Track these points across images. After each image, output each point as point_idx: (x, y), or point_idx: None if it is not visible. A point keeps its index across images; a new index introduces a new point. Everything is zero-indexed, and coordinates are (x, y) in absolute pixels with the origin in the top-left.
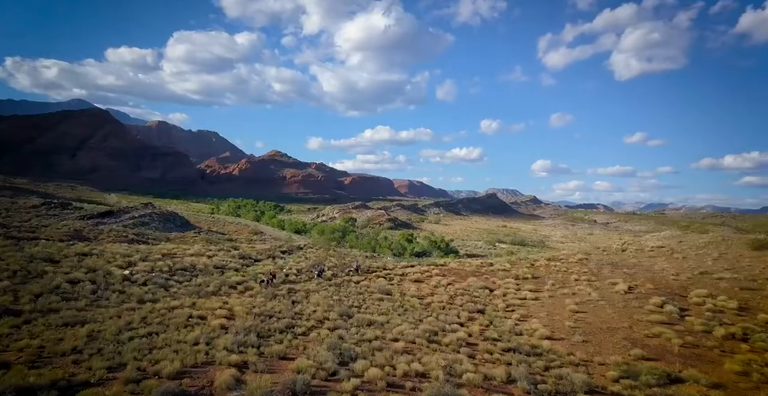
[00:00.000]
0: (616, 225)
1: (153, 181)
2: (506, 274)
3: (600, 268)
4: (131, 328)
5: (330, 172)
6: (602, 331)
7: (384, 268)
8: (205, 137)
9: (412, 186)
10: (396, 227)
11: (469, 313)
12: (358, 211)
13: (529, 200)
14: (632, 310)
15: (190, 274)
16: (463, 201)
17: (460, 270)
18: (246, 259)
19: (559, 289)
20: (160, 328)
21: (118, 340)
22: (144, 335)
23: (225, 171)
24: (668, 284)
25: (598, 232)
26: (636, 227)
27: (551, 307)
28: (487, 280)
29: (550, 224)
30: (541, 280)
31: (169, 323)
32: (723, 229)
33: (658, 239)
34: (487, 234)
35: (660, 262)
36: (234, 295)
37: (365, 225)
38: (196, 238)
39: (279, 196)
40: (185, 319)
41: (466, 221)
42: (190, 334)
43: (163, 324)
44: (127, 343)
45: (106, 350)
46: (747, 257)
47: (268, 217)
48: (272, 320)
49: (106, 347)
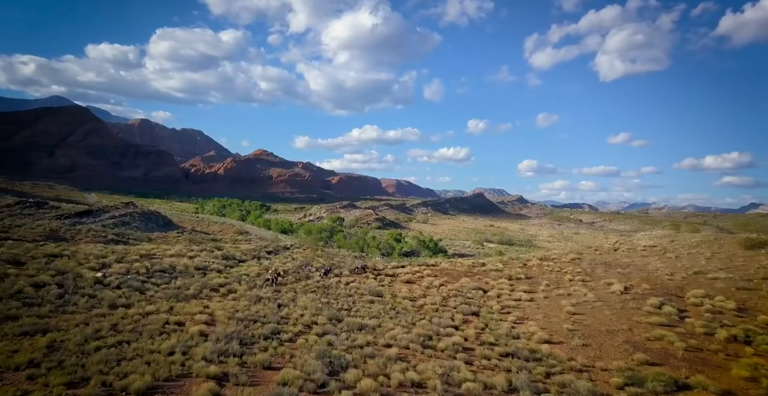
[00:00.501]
0: (602, 224)
1: (135, 181)
2: (499, 274)
3: (593, 268)
4: (99, 336)
5: (317, 171)
6: (602, 333)
7: (374, 268)
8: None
9: (399, 185)
10: (384, 227)
11: (463, 316)
12: (345, 211)
13: (515, 200)
14: (630, 311)
15: (169, 276)
16: (451, 200)
17: (452, 270)
18: (229, 259)
19: (554, 290)
20: (132, 336)
21: (83, 350)
22: (113, 345)
23: (210, 170)
24: (664, 284)
25: (584, 232)
26: (621, 227)
27: (547, 309)
28: (479, 280)
29: (536, 224)
30: (535, 281)
31: (142, 330)
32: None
33: (649, 238)
34: (474, 233)
35: (653, 261)
36: (216, 299)
37: (353, 224)
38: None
39: (265, 196)
40: (161, 326)
41: (454, 221)
42: (165, 343)
43: (135, 331)
44: (93, 354)
45: (67, 363)
46: (740, 257)
47: (254, 216)
48: (256, 325)
49: (68, 359)
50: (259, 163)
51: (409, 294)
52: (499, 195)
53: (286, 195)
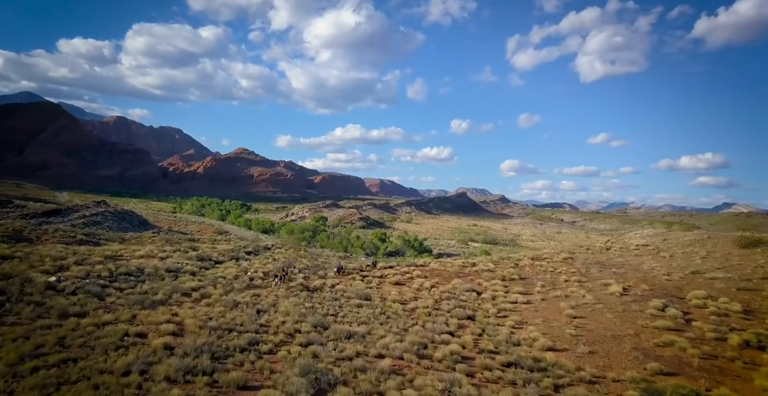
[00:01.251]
0: (582, 224)
1: (110, 179)
2: (491, 274)
3: (588, 268)
4: (40, 354)
5: (299, 170)
6: (607, 339)
7: (361, 269)
8: (168, 134)
9: (383, 185)
10: (368, 226)
11: (458, 320)
12: (329, 210)
13: (497, 199)
14: (633, 314)
15: (136, 279)
16: (434, 200)
17: (443, 271)
18: (205, 261)
19: (551, 292)
20: (81, 352)
21: (16, 372)
22: (55, 364)
23: (189, 169)
24: (662, 285)
25: (566, 231)
26: (601, 226)
27: (546, 312)
28: (472, 281)
29: (519, 223)
30: (530, 282)
31: (95, 345)
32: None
33: (642, 237)
34: (458, 233)
35: (647, 261)
36: (187, 305)
37: (336, 224)
38: (155, 238)
39: (246, 195)
40: (118, 339)
41: (438, 220)
42: (121, 360)
43: (86, 346)
44: (28, 377)
45: None
46: (735, 255)
47: (234, 216)
48: (232, 335)
49: None
50: (239, 162)
51: (399, 297)
52: (481, 195)
53: (268, 194)
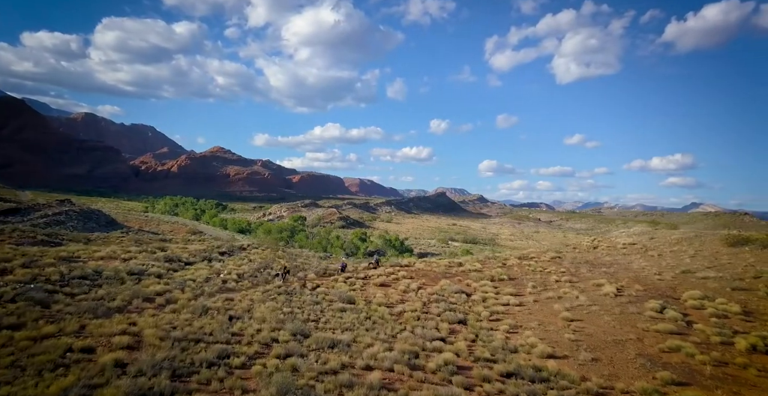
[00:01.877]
0: (559, 223)
1: (78, 178)
2: (480, 275)
3: (577, 268)
4: None
5: (277, 169)
6: (609, 344)
7: (348, 269)
8: (140, 132)
9: (362, 185)
10: (348, 226)
11: (449, 325)
12: (307, 210)
13: (476, 199)
14: (631, 316)
15: (92, 283)
16: (414, 200)
17: (429, 271)
18: (174, 262)
19: (543, 293)
20: (8, 374)
21: None
22: None
23: (162, 168)
24: (655, 285)
25: (543, 230)
26: (577, 225)
27: (540, 315)
28: (460, 282)
29: (497, 222)
30: (519, 282)
31: (28, 364)
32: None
33: (628, 236)
34: (438, 232)
35: (636, 260)
36: (149, 312)
37: (316, 224)
38: (123, 238)
39: (222, 195)
40: (58, 356)
41: (418, 220)
42: (57, 384)
43: (16, 366)
44: None
45: None
46: (724, 254)
47: (209, 215)
48: (198, 347)
49: None
50: (215, 161)
51: (385, 299)
52: (460, 194)
53: (245, 194)
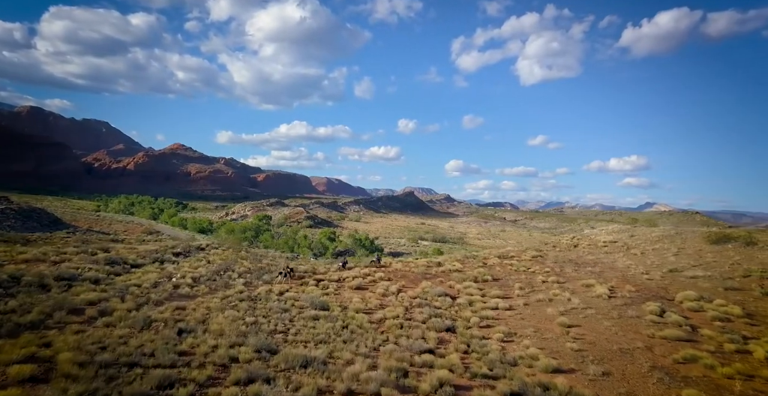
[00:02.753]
0: (524, 222)
1: (24, 176)
2: (462, 275)
3: (561, 267)
4: None
5: (241, 168)
6: (616, 355)
7: (314, 272)
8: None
9: (330, 184)
10: (316, 225)
11: (436, 333)
12: (273, 209)
13: (443, 198)
14: (632, 321)
15: (5, 292)
16: (383, 199)
17: (408, 272)
18: (117, 264)
19: (532, 295)
20: None
21: None
22: None
23: (118, 165)
24: (646, 285)
25: (510, 229)
26: (541, 224)
27: (534, 320)
28: (442, 284)
29: (464, 221)
30: (505, 283)
31: None
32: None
33: (607, 233)
34: (408, 231)
35: (620, 258)
36: (72, 327)
37: (282, 223)
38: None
39: (183, 193)
40: None
41: (386, 219)
42: None
43: None
44: None
45: None
46: (708, 252)
47: (168, 215)
48: (132, 374)
49: None
50: (175, 159)
51: (363, 305)
52: (427, 194)
53: (207, 193)
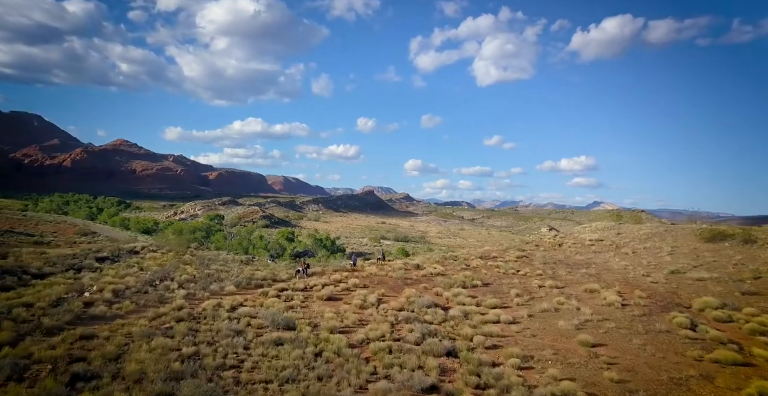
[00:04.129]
0: (481, 221)
1: None
2: (447, 280)
3: (553, 269)
4: None
5: (192, 165)
6: (671, 388)
7: (275, 278)
8: (23, 121)
9: (287, 182)
10: (272, 225)
11: (435, 359)
12: (226, 208)
13: (402, 198)
14: (664, 338)
15: None
16: (342, 198)
17: (385, 277)
18: (10, 275)
19: (533, 303)
20: None
21: None
22: None
23: (52, 162)
24: (654, 290)
25: (468, 228)
26: (498, 223)
27: (548, 337)
28: (427, 291)
29: (424, 220)
30: (497, 289)
31: None
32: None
33: (592, 231)
34: (369, 231)
35: (612, 258)
36: None
37: (235, 223)
38: None
39: (127, 192)
40: None
41: (346, 218)
42: None
43: None
44: None
45: None
46: (704, 251)
47: (108, 214)
48: None
49: None
50: (118, 155)
51: (338, 322)
52: (387, 193)
53: (154, 191)
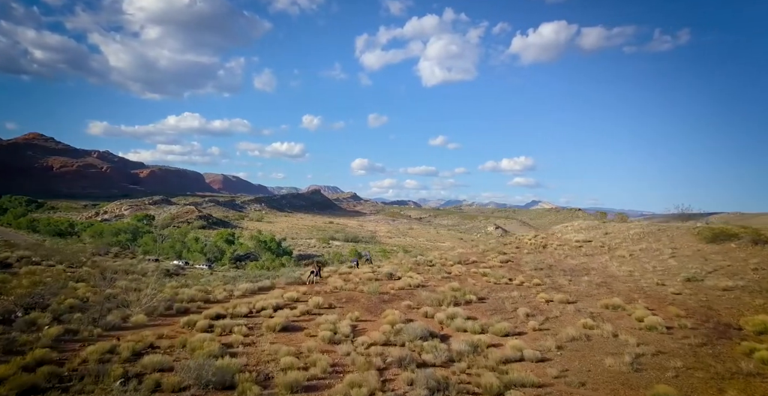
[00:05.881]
0: (429, 220)
1: None
2: (434, 296)
3: (550, 276)
4: None
5: (120, 162)
6: None
7: (207, 299)
8: None
9: (227, 181)
10: (210, 226)
11: None
12: (157, 208)
13: (349, 197)
14: (758, 383)
15: None
16: (287, 197)
17: (354, 292)
18: None
19: (553, 327)
20: None
21: None
22: None
23: None
24: (685, 305)
25: (417, 227)
26: (444, 222)
27: (605, 387)
28: (411, 310)
29: (372, 220)
30: (496, 305)
31: None
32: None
33: (576, 231)
34: (316, 231)
35: (608, 262)
36: None
37: (168, 224)
38: None
39: (42, 191)
40: None
41: (292, 218)
42: None
43: None
44: None
45: None
46: (710, 253)
47: (14, 215)
48: None
49: None
50: (32, 150)
51: (301, 371)
52: (334, 192)
53: (76, 190)
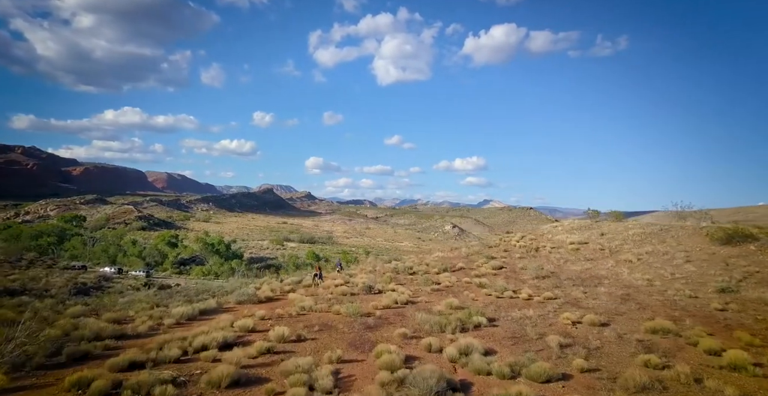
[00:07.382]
0: (385, 219)
1: None
2: (431, 318)
3: (561, 288)
4: None
5: (48, 159)
6: None
7: (123, 333)
8: None
9: (172, 180)
10: (151, 227)
11: None
12: (90, 208)
13: (303, 196)
14: None
15: None
16: (237, 197)
17: (323, 312)
18: None
19: (604, 367)
20: None
21: None
22: None
23: None
24: (744, 326)
25: (373, 227)
26: (401, 221)
27: None
28: (409, 342)
29: (328, 220)
30: (513, 329)
31: None
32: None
33: (568, 231)
34: (270, 232)
35: (616, 268)
36: None
37: (102, 225)
38: None
39: None
40: None
41: (242, 218)
42: None
43: None
44: None
45: None
46: (729, 257)
47: None
48: None
49: None
50: None
51: None
52: (287, 191)
53: None
